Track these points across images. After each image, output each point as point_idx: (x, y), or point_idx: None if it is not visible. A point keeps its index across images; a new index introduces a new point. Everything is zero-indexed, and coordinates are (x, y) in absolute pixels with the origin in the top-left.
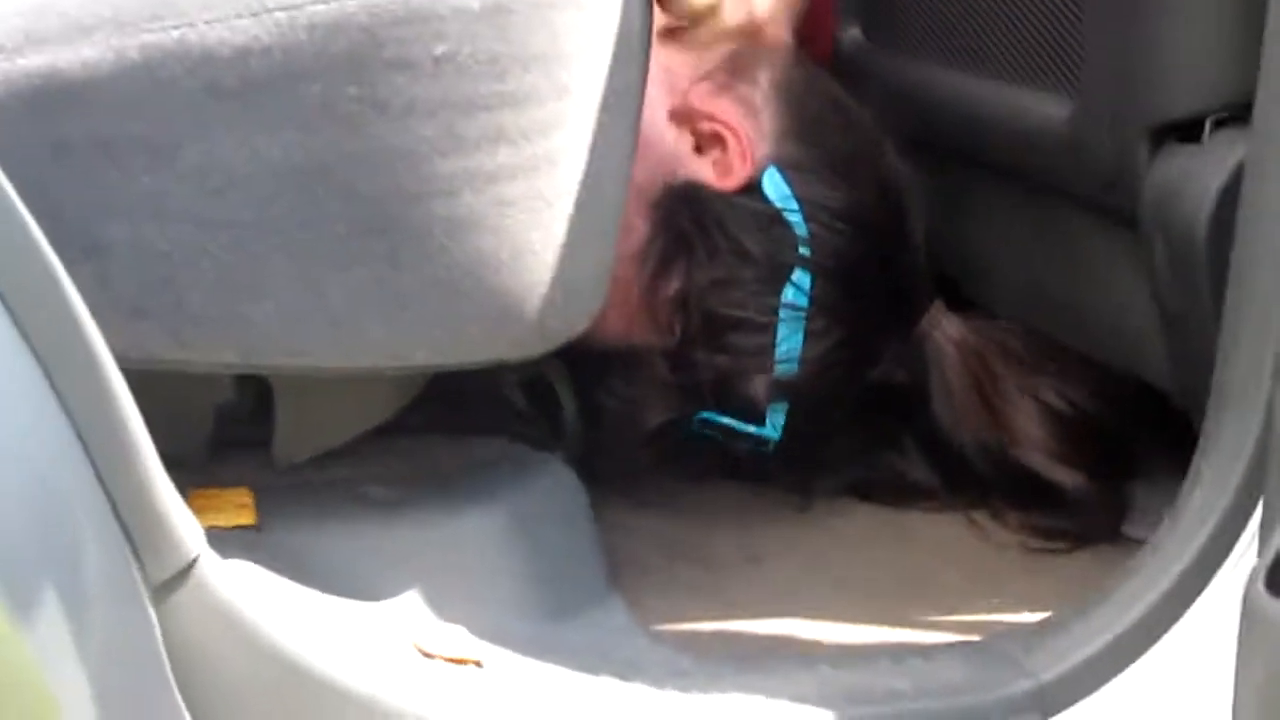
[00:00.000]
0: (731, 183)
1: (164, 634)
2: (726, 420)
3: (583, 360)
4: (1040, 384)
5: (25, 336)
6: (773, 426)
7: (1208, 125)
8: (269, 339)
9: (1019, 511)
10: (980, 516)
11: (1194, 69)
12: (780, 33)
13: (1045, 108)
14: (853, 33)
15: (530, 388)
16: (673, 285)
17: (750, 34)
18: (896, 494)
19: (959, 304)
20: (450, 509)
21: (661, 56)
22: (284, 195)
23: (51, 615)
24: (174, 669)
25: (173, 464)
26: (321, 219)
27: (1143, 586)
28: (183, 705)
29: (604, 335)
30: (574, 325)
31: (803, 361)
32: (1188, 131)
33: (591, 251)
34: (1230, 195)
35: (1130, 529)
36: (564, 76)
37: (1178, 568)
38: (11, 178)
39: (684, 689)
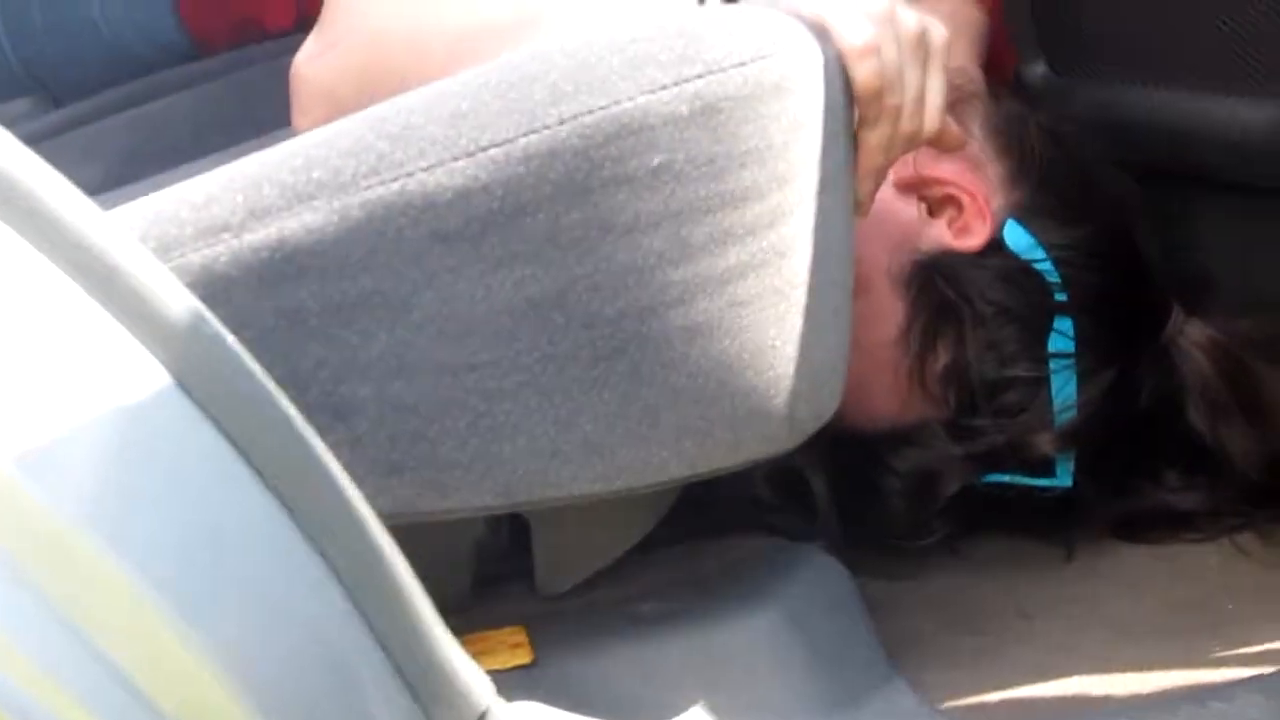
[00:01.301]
0: (974, 243)
1: None
2: (1016, 478)
3: (841, 445)
4: None
5: (286, 506)
6: (1064, 474)
7: None
8: (527, 476)
9: None
10: (1246, 540)
11: None
12: (973, 73)
13: (1252, 113)
14: (1038, 67)
15: (777, 479)
16: (941, 359)
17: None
18: (1159, 527)
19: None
20: (721, 615)
21: None
22: (523, 330)
23: None
24: None
25: (440, 610)
26: (563, 347)
27: None
28: None
29: (874, 419)
30: (822, 414)
31: (1081, 406)
32: None
33: (830, 336)
34: None
35: None
36: (780, 166)
37: None
38: (251, 349)
39: None
